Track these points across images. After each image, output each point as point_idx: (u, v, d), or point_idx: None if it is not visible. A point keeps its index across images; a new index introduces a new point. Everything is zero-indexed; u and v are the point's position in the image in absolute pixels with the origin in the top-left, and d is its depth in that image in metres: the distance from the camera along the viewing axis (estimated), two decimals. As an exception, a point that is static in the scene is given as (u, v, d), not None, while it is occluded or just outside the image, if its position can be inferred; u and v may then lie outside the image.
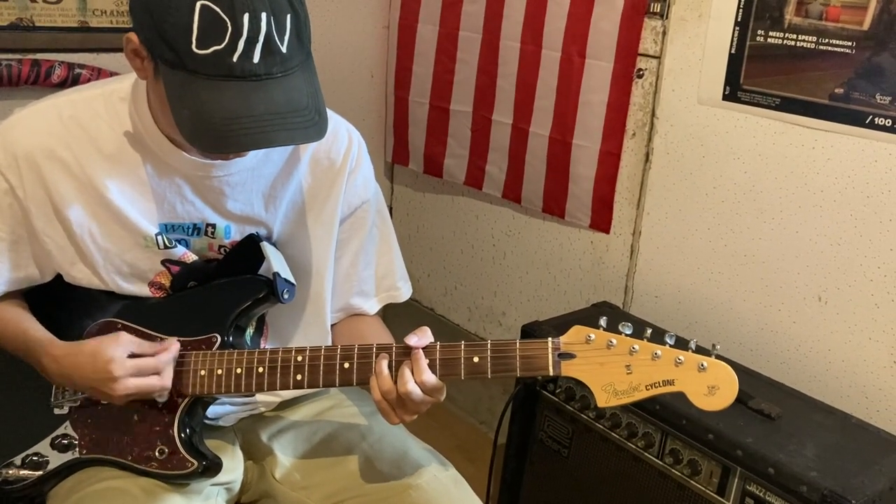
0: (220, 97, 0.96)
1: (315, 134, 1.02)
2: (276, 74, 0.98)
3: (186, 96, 0.97)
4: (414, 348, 1.09)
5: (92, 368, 1.10)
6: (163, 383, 1.11)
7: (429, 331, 1.11)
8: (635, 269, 2.01)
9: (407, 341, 1.09)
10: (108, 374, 1.08)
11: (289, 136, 1.00)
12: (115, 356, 1.09)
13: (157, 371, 1.10)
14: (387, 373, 1.09)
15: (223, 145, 0.99)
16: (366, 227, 1.33)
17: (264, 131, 0.97)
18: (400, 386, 1.07)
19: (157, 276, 1.22)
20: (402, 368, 1.08)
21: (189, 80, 0.96)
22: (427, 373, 1.07)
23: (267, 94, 0.97)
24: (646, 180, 1.95)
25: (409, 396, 1.07)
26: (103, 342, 1.11)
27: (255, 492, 1.32)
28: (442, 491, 1.21)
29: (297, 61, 1.00)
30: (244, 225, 1.23)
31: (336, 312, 1.34)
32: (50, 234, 1.18)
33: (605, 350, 1.06)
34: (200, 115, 0.97)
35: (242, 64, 0.95)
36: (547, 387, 1.73)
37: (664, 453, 1.51)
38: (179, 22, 0.94)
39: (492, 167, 2.27)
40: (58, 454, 1.20)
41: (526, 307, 2.35)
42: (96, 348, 1.11)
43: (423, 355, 1.08)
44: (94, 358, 1.10)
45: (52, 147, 1.14)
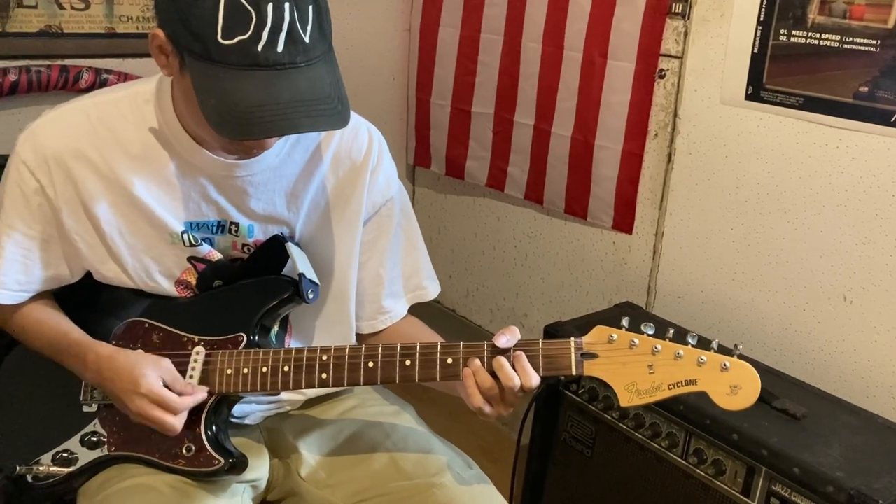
0: (245, 86, 0.98)
1: (339, 121, 1.03)
2: (299, 64, 1.00)
3: (213, 86, 0.99)
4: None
5: (126, 377, 1.12)
6: (173, 424, 1.11)
7: (517, 330, 1.11)
8: (658, 269, 2.00)
9: (495, 342, 1.09)
10: (135, 386, 1.10)
11: (313, 123, 1.02)
12: (148, 375, 1.11)
13: (175, 412, 1.11)
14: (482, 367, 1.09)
15: (249, 132, 1.00)
16: (391, 226, 1.33)
17: (289, 118, 0.99)
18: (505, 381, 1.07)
19: (183, 273, 1.23)
20: (501, 362, 1.07)
21: (215, 70, 0.98)
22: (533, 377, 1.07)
23: (291, 83, 0.99)
24: (668, 181, 1.94)
25: (513, 391, 1.08)
26: (147, 359, 1.14)
27: (281, 490, 1.33)
28: (466, 490, 1.22)
29: (319, 51, 1.02)
30: (267, 224, 1.25)
31: (371, 319, 1.35)
32: (80, 232, 1.20)
33: (628, 350, 1.06)
34: (226, 103, 0.98)
35: (267, 53, 0.97)
36: (570, 387, 1.73)
37: (688, 453, 1.51)
38: (205, 13, 0.96)
39: (514, 168, 2.28)
40: (87, 451, 1.22)
41: (548, 308, 2.35)
42: (137, 361, 1.13)
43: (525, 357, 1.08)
44: (131, 369, 1.12)
45: (81, 147, 1.16)
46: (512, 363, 1.08)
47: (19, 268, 1.22)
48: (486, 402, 1.10)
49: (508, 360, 1.08)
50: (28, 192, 1.18)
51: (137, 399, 1.10)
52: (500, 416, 1.12)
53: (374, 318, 1.35)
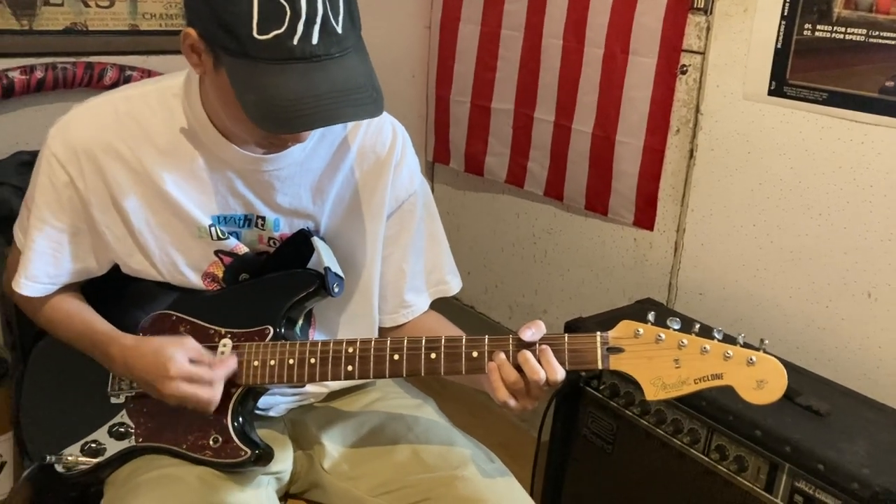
0: (284, 80, 0.98)
1: (375, 110, 1.04)
2: (334, 55, 1.00)
3: (251, 82, 1.00)
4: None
5: (153, 363, 1.13)
6: (211, 397, 1.12)
7: (542, 324, 1.10)
8: (679, 266, 2.00)
9: (521, 335, 1.09)
10: (165, 371, 1.11)
11: (353, 113, 1.03)
12: (176, 357, 1.12)
13: (210, 383, 1.13)
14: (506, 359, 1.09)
15: (291, 126, 1.01)
16: (414, 221, 1.34)
17: (329, 109, 1.00)
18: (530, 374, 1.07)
19: (210, 266, 1.24)
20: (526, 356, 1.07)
21: (252, 66, 0.99)
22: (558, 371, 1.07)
23: (328, 74, 1.00)
24: (690, 177, 1.94)
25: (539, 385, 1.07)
26: (170, 342, 1.15)
27: (305, 482, 1.34)
28: (488, 483, 1.22)
29: (351, 41, 1.03)
30: (293, 218, 1.26)
31: (393, 313, 1.35)
32: (108, 224, 1.21)
33: (654, 344, 1.06)
34: (266, 98, 0.99)
35: (303, 46, 0.98)
36: (591, 383, 1.73)
37: (710, 449, 1.51)
38: (240, 10, 0.97)
39: (533, 165, 2.28)
40: (115, 442, 1.23)
41: (567, 305, 2.35)
42: (161, 345, 1.14)
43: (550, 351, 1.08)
44: (157, 354, 1.13)
45: (110, 140, 1.17)
46: (537, 357, 1.08)
47: (49, 260, 1.23)
48: (510, 396, 1.10)
49: (534, 354, 1.08)
50: (58, 186, 1.19)
51: (170, 382, 1.11)
52: (525, 409, 1.12)
53: (396, 311, 1.36)
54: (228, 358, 1.17)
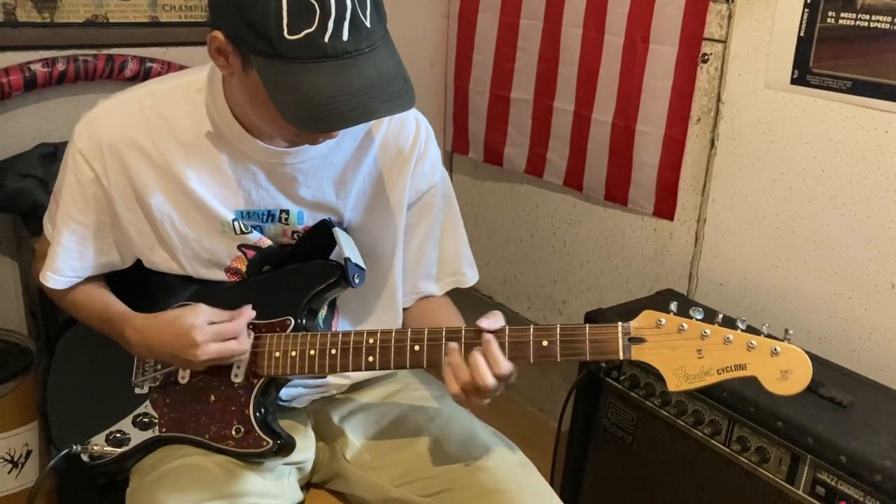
0: (317, 79, 0.98)
1: (408, 102, 1.04)
2: (364, 50, 1.00)
3: (284, 82, 1.00)
4: (485, 331, 1.10)
5: (173, 336, 1.14)
6: (241, 346, 1.15)
7: (500, 315, 1.12)
8: (700, 256, 1.99)
9: (479, 324, 1.11)
10: (191, 339, 1.12)
11: (388, 107, 1.02)
12: (197, 323, 1.13)
13: (235, 335, 1.14)
14: (460, 361, 1.09)
15: (329, 124, 1.02)
16: (433, 212, 1.34)
17: (364, 105, 0.99)
18: (478, 379, 1.07)
19: (233, 261, 1.25)
20: (476, 359, 1.08)
21: (285, 66, 0.99)
22: (503, 362, 1.08)
23: (360, 70, 1.00)
24: (711, 166, 1.92)
25: (488, 388, 1.08)
26: (183, 311, 1.16)
27: (327, 472, 1.35)
28: (510, 474, 1.22)
29: (379, 35, 1.03)
30: (316, 211, 1.26)
31: (405, 296, 1.36)
32: (132, 220, 1.22)
33: (676, 334, 1.05)
34: (301, 98, 0.99)
35: (334, 43, 0.98)
36: (611, 374, 1.72)
37: (731, 440, 1.50)
38: (269, 10, 0.96)
39: (553, 155, 2.27)
40: (139, 432, 1.25)
41: (587, 295, 2.34)
42: (176, 317, 1.15)
43: (496, 344, 1.09)
44: (174, 326, 1.14)
45: (134, 136, 1.18)
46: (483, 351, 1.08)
47: (75, 255, 1.25)
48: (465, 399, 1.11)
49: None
50: (84, 182, 1.20)
51: (198, 349, 1.12)
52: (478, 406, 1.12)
53: (407, 296, 1.37)
54: (244, 308, 1.18)
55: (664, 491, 1.65)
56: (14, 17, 1.88)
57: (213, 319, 1.15)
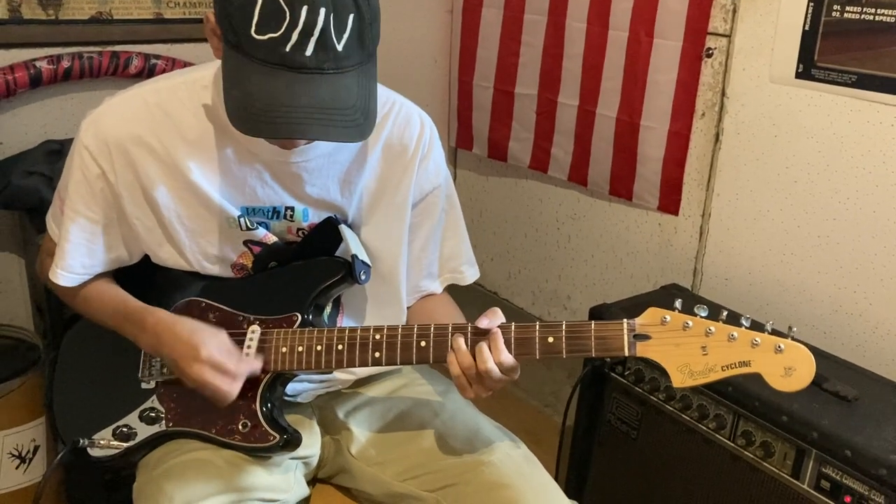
0: (267, 83, 0.99)
1: (356, 134, 1.04)
2: (326, 70, 1.00)
3: (238, 78, 1.01)
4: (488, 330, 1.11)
5: (185, 342, 1.14)
6: (230, 390, 1.14)
7: (499, 311, 1.13)
8: (704, 251, 1.99)
9: (479, 324, 1.12)
10: (195, 352, 1.13)
11: (324, 132, 1.02)
12: (209, 343, 1.13)
13: (233, 377, 1.14)
14: (465, 349, 1.11)
15: (258, 130, 1.02)
16: (436, 212, 1.35)
17: (301, 123, 0.99)
18: (480, 363, 1.09)
19: (239, 256, 1.26)
20: (481, 346, 1.10)
21: (244, 62, 1.00)
22: (505, 353, 1.09)
23: (312, 88, 0.99)
24: (716, 161, 1.92)
25: (489, 374, 1.09)
26: (205, 329, 1.17)
27: (332, 467, 1.36)
28: (514, 468, 1.23)
29: (353, 61, 1.02)
30: (321, 209, 1.26)
31: (407, 295, 1.36)
32: (139, 216, 1.23)
33: (681, 331, 1.06)
34: (245, 97, 1.00)
35: (294, 55, 0.98)
36: (616, 369, 1.73)
37: (736, 435, 1.50)
38: (245, 6, 0.98)
39: (557, 150, 2.27)
40: (145, 426, 1.26)
41: (591, 291, 2.34)
42: (198, 328, 1.16)
43: (502, 337, 1.10)
44: (192, 334, 1.15)
45: (140, 133, 1.18)
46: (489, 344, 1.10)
47: (84, 251, 1.25)
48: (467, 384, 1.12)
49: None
50: (91, 178, 1.21)
51: (196, 365, 1.12)
52: (479, 396, 1.14)
53: (409, 295, 1.37)
54: (255, 358, 1.19)
55: (669, 485, 1.65)
56: (19, 14, 1.89)
57: (226, 349, 1.15)
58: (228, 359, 1.14)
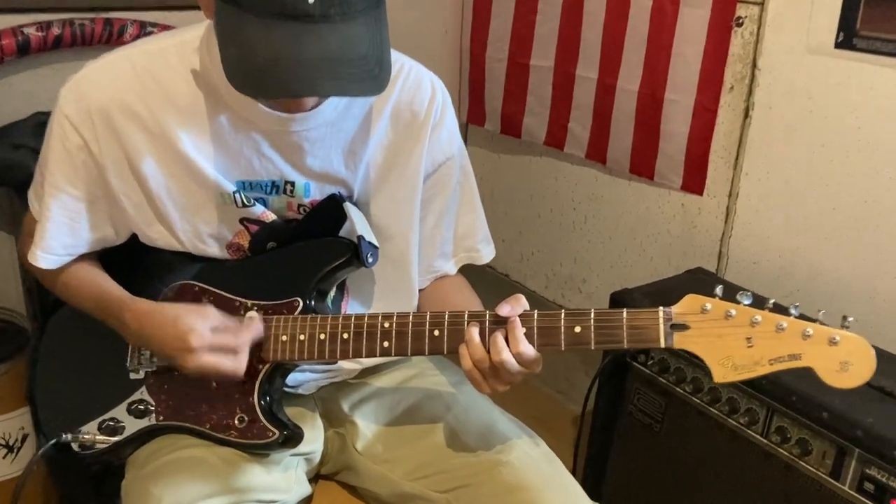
0: (268, 37, 0.88)
1: (373, 87, 0.93)
2: (333, 17, 0.89)
3: (235, 33, 0.90)
4: (508, 317, 1.01)
5: (172, 334, 1.05)
6: (236, 366, 1.04)
7: (523, 298, 1.03)
8: (731, 233, 1.88)
9: (499, 312, 1.01)
10: (186, 343, 1.03)
11: (338, 87, 0.91)
12: (197, 327, 1.03)
13: (235, 351, 1.04)
14: (478, 340, 1.01)
15: (262, 89, 0.92)
16: (450, 186, 1.24)
17: (309, 78, 0.88)
18: (494, 355, 1.00)
19: (235, 236, 1.16)
20: (496, 336, 1.00)
21: (239, 15, 0.89)
22: (524, 343, 0.99)
23: (320, 39, 0.88)
24: (745, 137, 1.81)
25: (504, 366, 0.99)
26: (189, 310, 1.06)
27: (336, 463, 1.27)
28: (534, 468, 1.13)
29: (361, 5, 0.91)
30: (324, 183, 1.16)
31: (419, 277, 1.27)
32: (126, 192, 1.13)
33: (723, 321, 0.95)
34: (244, 54, 0.89)
35: (295, 2, 0.87)
36: (638, 358, 1.62)
37: (770, 431, 1.40)
38: None
39: (575, 125, 2.16)
40: (134, 420, 1.16)
41: (608, 274, 2.24)
42: (180, 315, 1.05)
43: (520, 324, 1.00)
44: (176, 324, 1.04)
45: (126, 100, 1.08)
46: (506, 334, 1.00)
47: (65, 231, 1.15)
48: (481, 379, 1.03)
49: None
50: (71, 150, 1.10)
51: (192, 355, 1.02)
52: (495, 391, 1.04)
53: (422, 276, 1.27)
54: (252, 323, 1.08)
55: (693, 482, 1.56)
56: (5, -23, 1.78)
57: (218, 325, 1.05)
58: (224, 335, 1.04)
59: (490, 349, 1.00)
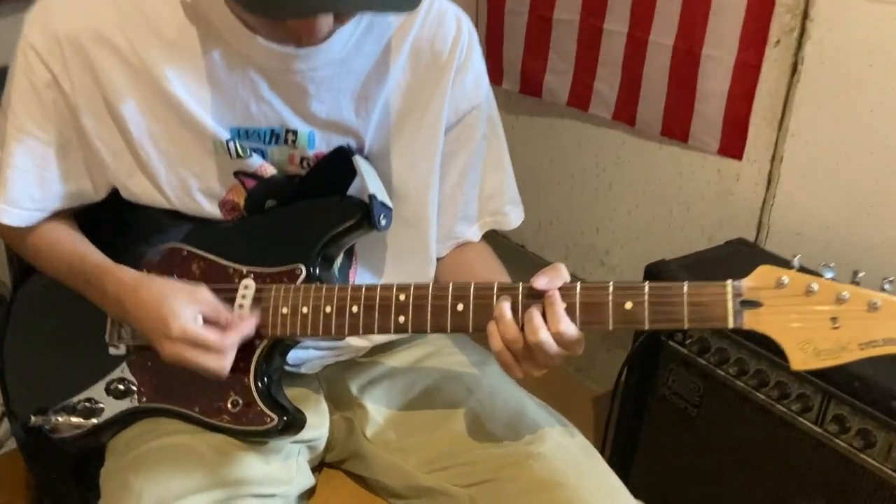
0: None
1: (407, 2, 0.80)
2: None
3: None
4: (546, 291, 0.86)
5: (155, 314, 0.91)
6: (219, 366, 0.90)
7: (563, 268, 0.88)
8: (772, 201, 1.73)
9: (535, 283, 0.86)
10: (165, 328, 0.89)
11: (370, 2, 0.78)
12: (182, 313, 0.89)
13: (220, 351, 0.90)
14: (510, 317, 0.87)
15: (281, 7, 0.77)
16: (475, 139, 1.10)
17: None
18: (529, 334, 0.85)
19: (229, 191, 1.01)
20: (532, 312, 0.86)
21: None
22: (565, 321, 0.85)
23: None
24: (792, 96, 1.65)
25: (540, 348, 0.85)
26: (177, 291, 0.92)
27: (343, 451, 1.13)
28: (570, 462, 0.99)
29: None
30: (330, 133, 1.01)
31: (438, 243, 1.12)
32: (103, 136, 0.98)
33: (804, 297, 0.81)
34: None
35: None
36: (674, 336, 1.48)
37: (825, 419, 1.26)
38: None
39: (601, 84, 2.00)
40: (114, 401, 1.03)
41: (634, 246, 2.09)
42: (166, 294, 0.92)
43: (561, 303, 0.85)
44: (160, 304, 0.90)
45: (102, 29, 0.93)
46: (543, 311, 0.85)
47: (33, 181, 1.00)
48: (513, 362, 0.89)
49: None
50: (39, 86, 0.95)
51: (169, 344, 0.89)
52: (531, 375, 0.90)
53: (442, 243, 1.13)
54: (246, 318, 0.94)
55: (733, 475, 1.42)
56: None
57: (208, 314, 0.91)
58: (211, 330, 0.90)
59: (525, 327, 0.86)
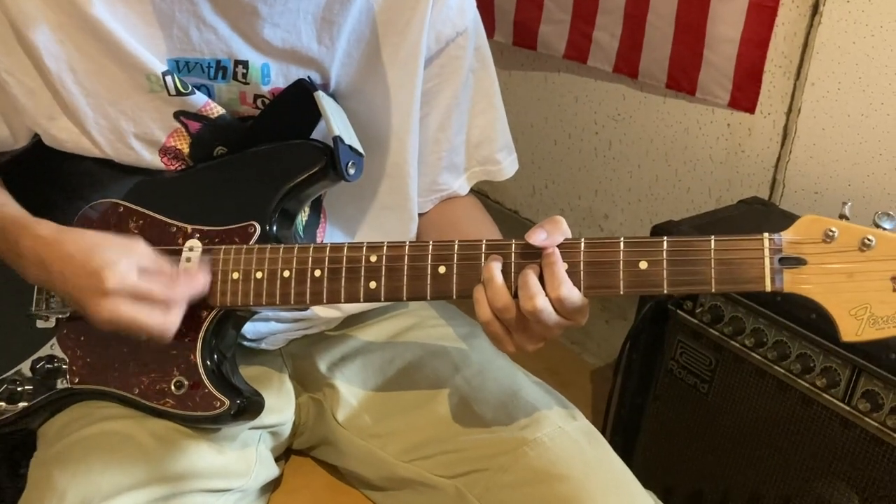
0: None
1: None
2: None
3: None
4: (544, 248, 0.72)
5: (82, 269, 0.76)
6: (165, 324, 0.76)
7: (563, 222, 0.75)
8: (789, 157, 1.58)
9: (530, 239, 0.73)
10: (100, 282, 0.74)
11: None
12: (118, 263, 0.75)
13: (166, 303, 0.76)
14: (501, 280, 0.73)
15: None
16: (461, 73, 0.96)
17: None
18: (524, 301, 0.71)
19: (169, 136, 0.86)
20: (527, 275, 0.72)
21: None
22: (566, 285, 0.71)
23: None
24: (812, 41, 1.50)
25: (537, 316, 0.71)
26: (110, 241, 0.79)
27: (311, 437, 1.00)
28: (571, 449, 0.85)
29: None
30: (288, 64, 0.87)
31: (420, 196, 0.98)
32: (13, 70, 0.83)
33: (857, 253, 0.68)
34: None
35: None
36: (683, 304, 1.34)
37: (854, 396, 1.13)
38: None
39: (601, 34, 1.85)
40: (41, 382, 0.89)
41: (635, 208, 1.95)
42: (97, 244, 0.78)
43: (561, 263, 0.71)
44: (90, 256, 0.76)
45: (7, -62, 0.78)
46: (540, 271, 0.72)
47: None
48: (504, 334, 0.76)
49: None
50: None
51: (104, 300, 0.74)
52: (523, 349, 0.76)
53: (424, 196, 1.00)
54: (196, 270, 0.80)
55: (749, 457, 1.29)
56: None
57: (148, 266, 0.77)
58: (154, 280, 0.76)
59: (519, 293, 0.72)
